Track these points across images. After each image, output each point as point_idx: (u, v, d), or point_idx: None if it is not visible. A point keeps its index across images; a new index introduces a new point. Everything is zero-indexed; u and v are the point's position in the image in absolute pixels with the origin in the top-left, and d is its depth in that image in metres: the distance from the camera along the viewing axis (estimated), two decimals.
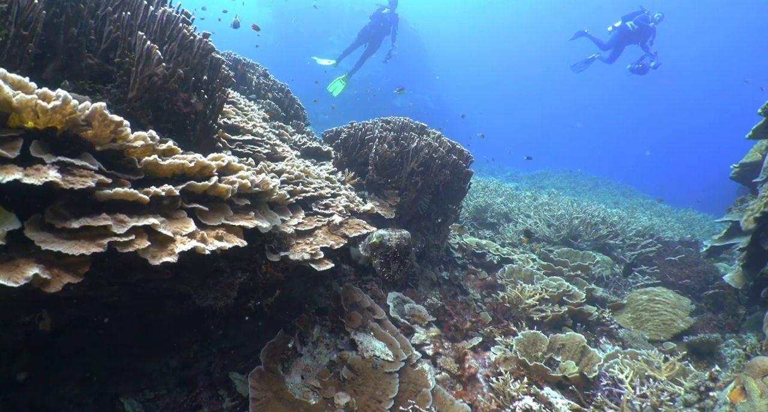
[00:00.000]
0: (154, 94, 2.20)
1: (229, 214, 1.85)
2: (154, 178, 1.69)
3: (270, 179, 2.19)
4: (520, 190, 16.20)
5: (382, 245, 2.85)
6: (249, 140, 3.51)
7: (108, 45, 2.22)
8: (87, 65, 2.17)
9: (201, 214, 1.74)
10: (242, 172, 1.98)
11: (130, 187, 1.46)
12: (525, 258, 6.89)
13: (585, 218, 7.74)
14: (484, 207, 9.09)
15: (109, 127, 1.44)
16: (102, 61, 2.23)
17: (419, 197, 4.98)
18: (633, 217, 9.29)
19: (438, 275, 5.73)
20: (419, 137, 4.96)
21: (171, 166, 1.65)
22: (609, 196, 17.06)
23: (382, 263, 2.86)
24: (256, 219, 1.93)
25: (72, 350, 2.51)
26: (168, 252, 1.43)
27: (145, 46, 2.01)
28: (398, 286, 5.14)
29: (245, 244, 1.73)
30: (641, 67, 11.80)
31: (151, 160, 1.59)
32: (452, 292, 5.64)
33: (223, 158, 1.92)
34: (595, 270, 6.82)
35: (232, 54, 6.01)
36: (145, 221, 1.43)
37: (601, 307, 5.99)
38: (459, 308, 5.18)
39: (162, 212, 1.58)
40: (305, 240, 2.73)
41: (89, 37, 2.17)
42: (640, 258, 7.80)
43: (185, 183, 1.68)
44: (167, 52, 2.21)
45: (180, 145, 2.76)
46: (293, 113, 5.82)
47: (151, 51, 2.01)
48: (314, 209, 3.26)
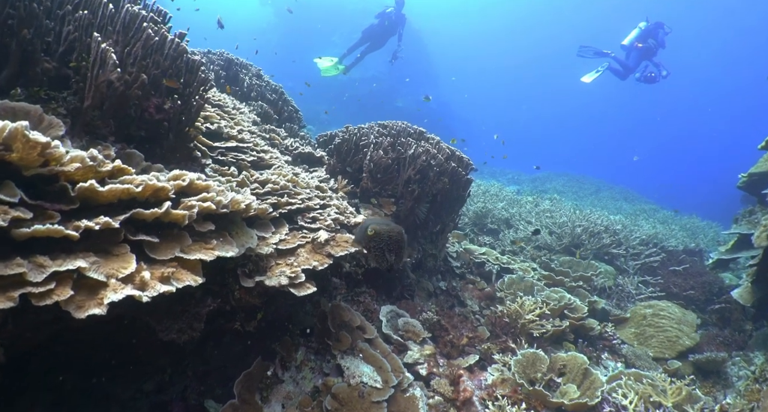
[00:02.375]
0: (117, 102, 1.98)
1: (187, 243, 1.63)
2: (96, 205, 1.47)
3: (243, 198, 1.97)
4: (522, 193, 15.98)
5: (378, 235, 2.61)
6: (233, 147, 3.29)
7: (66, 47, 2.01)
8: (43, 70, 1.96)
9: (150, 246, 1.53)
10: (206, 193, 1.76)
11: (59, 220, 1.25)
12: (525, 267, 6.67)
13: (588, 226, 7.52)
14: (484, 213, 8.87)
15: (36, 149, 1.23)
16: (60, 65, 2.01)
17: (416, 206, 4.76)
18: (636, 224, 9.06)
19: (435, 285, 5.51)
20: (417, 144, 4.74)
21: (112, 192, 1.44)
22: (611, 201, 16.80)
23: (377, 255, 2.63)
24: (219, 248, 1.71)
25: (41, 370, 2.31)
26: (97, 302, 1.21)
27: (100, 49, 1.79)
28: (393, 297, 4.94)
29: (200, 281, 1.52)
30: (652, 76, 11.54)
31: (86, 186, 1.37)
32: (449, 303, 5.42)
33: (184, 177, 1.70)
34: (598, 281, 6.60)
35: (224, 53, 5.78)
36: (69, 265, 1.22)
37: (603, 320, 5.77)
38: (456, 321, 4.96)
39: (100, 248, 1.36)
40: (286, 260, 2.51)
41: (46, 39, 1.95)
42: (644, 268, 7.58)
43: (131, 211, 1.46)
44: (130, 54, 1.99)
45: (153, 155, 2.55)
46: (287, 115, 5.60)
47: (106, 54, 1.79)
48: (300, 222, 3.04)
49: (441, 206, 5.08)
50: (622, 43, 11.95)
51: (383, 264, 2.76)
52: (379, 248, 2.67)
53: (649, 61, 11.68)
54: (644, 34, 11.69)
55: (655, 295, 6.63)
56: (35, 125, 1.74)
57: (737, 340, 5.60)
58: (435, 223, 5.23)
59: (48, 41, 2.02)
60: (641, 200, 18.22)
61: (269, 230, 2.73)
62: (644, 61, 11.75)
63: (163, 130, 2.46)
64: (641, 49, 11.60)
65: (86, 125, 1.94)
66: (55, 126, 1.75)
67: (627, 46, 11.89)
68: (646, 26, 11.75)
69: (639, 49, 11.63)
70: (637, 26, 11.85)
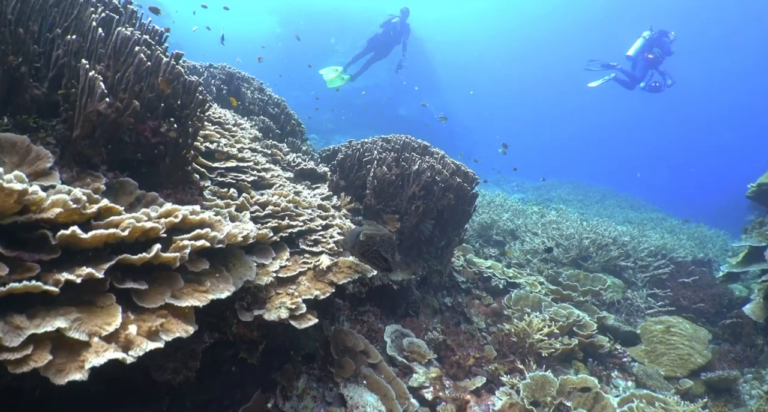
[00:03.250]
0: (108, 129, 1.90)
1: (179, 286, 1.54)
2: (81, 249, 1.39)
3: (239, 230, 1.87)
4: (527, 201, 15.87)
5: (370, 238, 2.53)
6: (232, 167, 3.21)
7: (56, 72, 1.93)
8: (32, 97, 1.88)
9: (138, 294, 1.43)
10: (199, 229, 1.67)
11: (39, 273, 1.16)
12: (532, 281, 6.54)
13: (595, 238, 7.39)
14: (489, 224, 8.76)
15: (12, 196, 1.14)
16: (50, 91, 1.93)
17: (421, 223, 4.66)
18: (644, 235, 8.91)
19: (440, 301, 5.40)
20: (421, 159, 4.65)
21: (96, 238, 1.35)
22: (618, 209, 16.62)
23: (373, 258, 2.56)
24: (213, 290, 1.61)
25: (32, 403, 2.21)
26: (77, 365, 1.12)
27: (88, 78, 1.71)
28: (398, 315, 4.83)
29: (192, 331, 1.42)
30: (657, 85, 11.44)
31: (68, 234, 1.28)
32: (455, 320, 5.31)
33: (176, 213, 1.61)
34: (606, 295, 6.48)
35: (226, 67, 5.71)
36: (48, 326, 1.12)
37: (613, 337, 5.64)
38: (462, 339, 4.85)
39: (83, 299, 1.27)
40: (287, 289, 2.42)
41: (34, 64, 1.87)
42: (653, 280, 7.44)
43: (117, 258, 1.37)
44: (122, 80, 1.91)
45: (150, 179, 2.46)
46: (289, 129, 5.52)
47: (94, 83, 1.70)
48: (302, 245, 2.94)
49: (446, 222, 4.98)
50: (627, 54, 11.85)
51: (381, 266, 2.68)
52: (374, 251, 2.60)
53: (655, 69, 11.58)
54: (649, 44, 11.59)
55: (665, 309, 6.49)
56: (22, 157, 1.66)
57: (749, 355, 5.48)
58: (440, 239, 5.13)
59: (37, 66, 1.94)
60: (648, 208, 18.02)
61: (269, 255, 2.64)
62: (650, 70, 11.64)
63: (159, 153, 2.38)
64: (649, 60, 11.51)
65: (77, 154, 1.86)
66: (43, 157, 1.67)
67: (632, 56, 11.79)
68: (650, 36, 11.64)
69: (647, 60, 11.54)
70: (641, 36, 11.75)
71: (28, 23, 1.79)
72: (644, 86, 11.64)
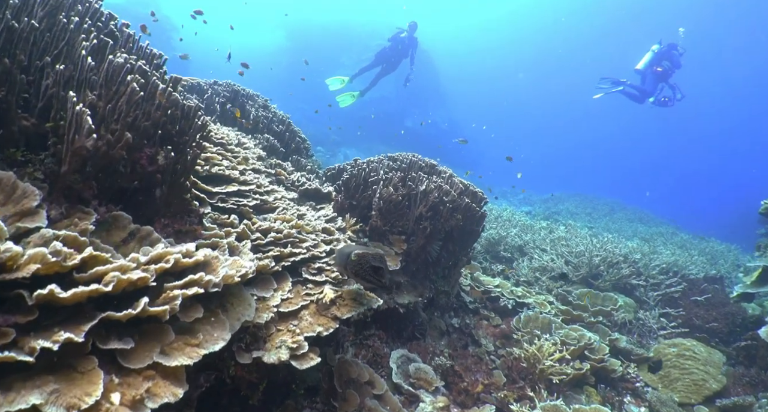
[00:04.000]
0: (100, 162, 1.81)
1: (168, 340, 1.43)
2: (61, 305, 1.28)
3: (236, 271, 1.77)
4: (534, 215, 15.71)
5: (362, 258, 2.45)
6: (234, 192, 3.11)
7: (45, 103, 1.84)
8: (21, 128, 1.79)
9: (123, 354, 1.33)
10: (192, 275, 1.56)
11: (14, 338, 1.05)
12: (542, 301, 6.39)
13: (606, 256, 7.23)
14: (497, 240, 8.63)
15: None
16: (40, 122, 1.84)
17: (428, 244, 4.54)
18: (655, 252, 8.74)
19: (448, 322, 5.27)
20: (428, 179, 4.54)
21: (77, 297, 1.24)
22: (627, 223, 16.41)
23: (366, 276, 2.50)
24: (207, 343, 1.50)
25: None
26: None
27: (75, 111, 1.61)
28: (404, 338, 4.70)
29: (181, 394, 1.31)
30: (666, 100, 11.37)
31: (44, 294, 1.18)
32: (463, 342, 5.18)
33: (167, 257, 1.51)
34: (618, 315, 6.31)
35: (231, 84, 5.65)
36: (22, 404, 1.02)
37: (625, 360, 5.48)
38: (470, 363, 4.71)
39: (63, 363, 1.17)
40: (288, 325, 2.30)
41: (22, 95, 1.78)
42: (665, 299, 7.27)
43: (100, 316, 1.26)
44: (115, 110, 1.81)
45: (147, 208, 2.37)
46: (294, 147, 5.43)
47: (81, 118, 1.61)
48: (305, 274, 2.83)
49: (454, 242, 4.86)
50: (636, 67, 11.80)
51: (376, 283, 2.65)
52: (365, 270, 2.55)
53: (665, 83, 11.49)
54: (658, 57, 11.54)
55: (678, 331, 6.32)
56: (8, 195, 1.57)
57: (764, 379, 5.32)
58: (448, 259, 5.00)
59: (26, 97, 1.85)
60: (657, 222, 17.80)
61: (270, 286, 2.53)
62: (660, 84, 11.55)
63: (156, 181, 2.28)
64: (658, 73, 11.44)
65: (66, 189, 1.76)
66: (30, 195, 1.57)
67: (641, 70, 11.74)
68: (659, 49, 11.59)
69: (656, 73, 11.47)
70: (650, 50, 11.71)
71: (15, 52, 1.70)
72: (654, 101, 11.55)
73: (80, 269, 1.37)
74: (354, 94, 12.12)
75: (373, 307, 2.88)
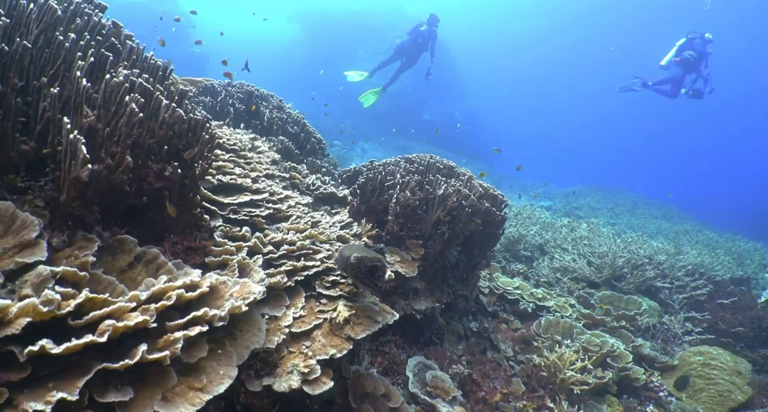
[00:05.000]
0: (101, 188, 1.74)
1: (170, 384, 1.36)
2: (56, 357, 1.21)
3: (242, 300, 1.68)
4: (555, 211, 15.46)
5: (360, 261, 2.54)
6: (246, 202, 3.03)
7: (43, 126, 1.76)
8: (20, 153, 1.72)
9: (122, 406, 1.25)
10: (196, 311, 1.48)
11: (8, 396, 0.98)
12: (562, 303, 6.23)
13: (630, 257, 7.03)
14: (517, 238, 8.46)
15: None
16: (39, 145, 1.77)
17: (446, 249, 4.43)
18: (680, 252, 8.49)
19: (466, 326, 5.16)
20: (446, 182, 4.42)
21: (70, 350, 1.17)
22: (650, 219, 16.04)
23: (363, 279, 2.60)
24: (211, 386, 1.42)
25: None
26: None
27: (69, 140, 1.54)
28: (421, 343, 4.62)
29: None
30: (698, 91, 11.07)
31: (35, 350, 1.11)
32: (481, 346, 5.07)
33: (169, 294, 1.44)
34: (642, 320, 6.13)
35: (244, 86, 5.57)
36: None
37: (649, 368, 5.33)
38: (488, 369, 4.62)
39: None
40: (300, 346, 2.22)
41: (18, 119, 1.70)
42: (690, 302, 7.06)
43: (96, 368, 1.19)
44: (114, 132, 1.73)
45: (156, 225, 2.30)
46: (309, 148, 5.34)
47: (76, 147, 1.53)
48: (318, 288, 2.75)
49: (473, 246, 4.74)
50: (661, 63, 11.57)
51: (371, 288, 2.67)
52: (363, 273, 2.58)
53: (697, 73, 11.17)
54: (681, 49, 11.30)
55: (704, 337, 6.12)
56: (7, 226, 1.51)
57: None
58: (466, 264, 4.89)
59: (25, 120, 1.78)
60: (681, 217, 17.37)
61: (283, 303, 2.45)
62: (692, 74, 11.27)
63: (164, 198, 2.21)
64: (679, 63, 11.18)
65: (68, 215, 1.70)
66: (29, 226, 1.51)
67: (665, 65, 11.51)
68: (683, 43, 11.34)
69: (677, 63, 11.23)
70: (675, 45, 11.48)
71: (8, 75, 1.62)
72: (686, 92, 11.30)
73: (76, 313, 1.30)
74: (376, 91, 12.08)
75: (389, 323, 2.78)
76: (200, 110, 2.99)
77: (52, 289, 1.34)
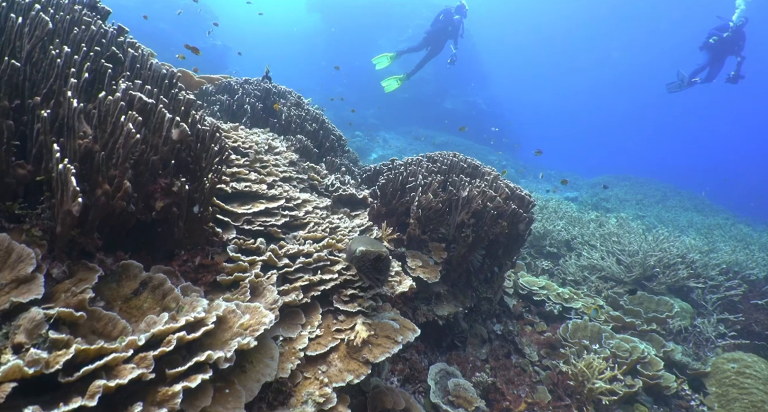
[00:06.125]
0: (100, 214, 1.63)
1: None
2: None
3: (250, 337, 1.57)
4: (581, 203, 15.10)
5: (365, 254, 2.59)
6: (261, 211, 2.91)
7: (38, 149, 1.65)
8: (18, 178, 1.61)
9: None
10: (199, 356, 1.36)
11: None
12: (590, 304, 6.03)
13: (662, 256, 6.76)
14: (542, 234, 8.24)
15: None
16: (36, 168, 1.67)
17: (470, 253, 4.27)
18: (714, 250, 8.15)
19: (489, 328, 5.01)
20: (471, 183, 4.24)
21: None
22: (681, 211, 15.54)
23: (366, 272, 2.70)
24: None
25: None
26: None
27: (58, 170, 1.42)
28: (443, 348, 4.49)
29: None
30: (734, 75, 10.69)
31: None
32: (505, 350, 4.92)
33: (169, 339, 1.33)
34: (674, 323, 5.89)
35: (262, 83, 5.43)
36: None
37: (680, 375, 5.11)
38: (512, 375, 4.48)
39: None
40: (315, 371, 2.10)
41: (12, 142, 1.59)
42: (724, 303, 6.78)
43: None
44: (111, 155, 1.61)
45: (165, 242, 2.20)
46: (328, 146, 5.20)
47: (67, 178, 1.41)
48: (336, 303, 2.62)
49: (498, 248, 4.57)
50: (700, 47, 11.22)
51: (373, 281, 2.74)
52: (366, 267, 2.65)
53: (736, 56, 10.74)
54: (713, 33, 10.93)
55: (738, 342, 5.86)
56: (2, 261, 1.42)
57: None
58: (491, 266, 4.72)
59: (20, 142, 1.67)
60: (714, 210, 16.77)
61: (298, 321, 2.34)
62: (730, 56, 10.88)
63: (173, 214, 2.10)
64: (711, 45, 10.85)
65: (67, 244, 1.60)
66: (25, 259, 1.42)
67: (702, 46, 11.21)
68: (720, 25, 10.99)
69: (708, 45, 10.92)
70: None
71: None
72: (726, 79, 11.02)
73: (69, 365, 1.20)
74: (399, 78, 12.02)
75: (411, 341, 2.65)
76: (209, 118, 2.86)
77: (45, 336, 1.25)
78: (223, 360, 1.44)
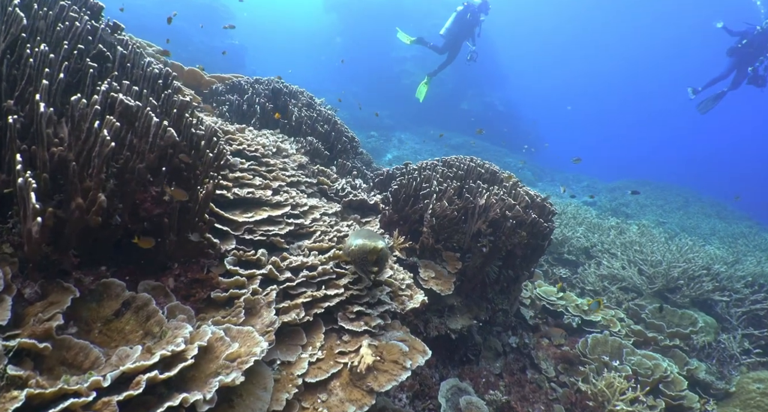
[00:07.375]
0: (74, 230, 1.46)
1: None
2: None
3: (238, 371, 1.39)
4: (600, 207, 14.75)
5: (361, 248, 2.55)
6: (264, 220, 2.74)
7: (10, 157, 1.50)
8: None
9: None
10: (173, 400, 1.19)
11: None
12: (611, 318, 5.78)
13: (687, 268, 6.46)
14: (560, 240, 7.97)
15: None
16: (9, 178, 1.51)
17: (486, 264, 4.06)
18: (739, 261, 7.80)
19: (504, 341, 4.79)
20: (488, 190, 4.04)
21: None
22: (704, 218, 15.08)
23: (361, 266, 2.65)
24: None
25: None
26: None
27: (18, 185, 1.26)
28: (455, 361, 4.29)
29: None
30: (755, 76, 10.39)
31: None
32: (520, 364, 4.70)
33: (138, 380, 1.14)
34: (697, 339, 5.62)
35: (272, 82, 5.26)
36: None
37: (703, 394, 4.85)
38: (527, 391, 4.27)
39: None
40: (314, 401, 1.92)
41: None
42: (749, 317, 6.47)
43: None
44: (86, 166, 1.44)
45: (157, 253, 2.04)
46: (340, 148, 5.02)
47: (27, 194, 1.25)
48: (341, 322, 2.44)
49: (515, 258, 4.35)
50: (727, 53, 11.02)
51: (367, 275, 2.71)
52: (361, 260, 2.61)
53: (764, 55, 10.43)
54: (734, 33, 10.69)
55: (764, 360, 5.58)
56: None
57: None
58: (507, 277, 4.51)
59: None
60: (736, 217, 16.25)
61: (299, 342, 2.16)
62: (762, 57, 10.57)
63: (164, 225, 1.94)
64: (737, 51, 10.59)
65: (41, 261, 1.44)
66: None
67: None
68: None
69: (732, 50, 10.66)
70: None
71: None
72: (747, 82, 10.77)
73: None
74: (425, 82, 12.47)
75: (421, 364, 2.46)
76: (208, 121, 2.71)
77: (2, 372, 1.09)
78: (202, 402, 1.27)
